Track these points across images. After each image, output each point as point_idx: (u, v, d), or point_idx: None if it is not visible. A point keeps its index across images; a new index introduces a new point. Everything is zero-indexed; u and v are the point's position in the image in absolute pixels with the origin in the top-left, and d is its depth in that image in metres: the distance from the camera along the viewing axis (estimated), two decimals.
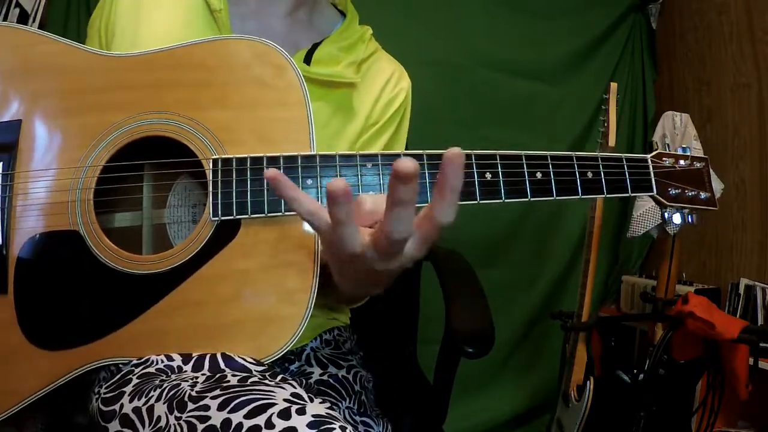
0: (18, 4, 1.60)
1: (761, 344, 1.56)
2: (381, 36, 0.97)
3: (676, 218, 0.82)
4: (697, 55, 2.36)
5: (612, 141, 1.65)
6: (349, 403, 0.83)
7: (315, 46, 0.88)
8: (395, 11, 2.12)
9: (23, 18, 1.63)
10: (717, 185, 0.84)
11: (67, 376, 0.68)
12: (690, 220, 0.83)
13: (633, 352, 2.25)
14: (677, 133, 1.71)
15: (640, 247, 2.50)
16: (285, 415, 0.54)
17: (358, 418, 0.82)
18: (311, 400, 0.58)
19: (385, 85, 0.94)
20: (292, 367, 0.87)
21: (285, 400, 0.56)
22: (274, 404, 0.55)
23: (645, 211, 1.82)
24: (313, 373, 0.85)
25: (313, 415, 0.54)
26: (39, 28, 1.67)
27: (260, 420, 0.53)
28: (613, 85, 1.69)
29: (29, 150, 0.71)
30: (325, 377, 0.84)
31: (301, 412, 0.54)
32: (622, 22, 2.50)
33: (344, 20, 0.95)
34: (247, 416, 0.54)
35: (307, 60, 0.86)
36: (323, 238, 0.59)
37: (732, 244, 2.14)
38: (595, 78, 2.43)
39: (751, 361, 1.60)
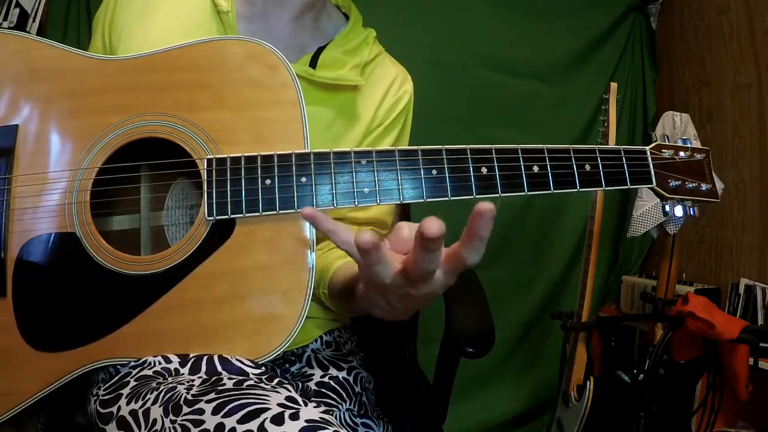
0: (18, 4, 1.60)
1: (761, 344, 1.56)
2: (381, 36, 0.98)
3: (678, 211, 0.81)
4: (697, 55, 2.36)
5: (612, 141, 1.65)
6: (350, 404, 0.83)
7: (320, 49, 0.89)
8: (395, 11, 2.12)
9: (23, 18, 1.63)
10: (717, 185, 0.84)
11: (65, 378, 0.68)
12: (692, 212, 0.82)
13: (633, 352, 2.24)
14: (677, 133, 1.70)
15: (640, 247, 2.50)
16: (278, 420, 0.54)
17: (358, 420, 0.82)
18: (305, 405, 0.58)
19: (388, 88, 0.95)
20: (292, 369, 0.87)
21: (279, 404, 0.56)
22: (267, 409, 0.55)
23: (645, 211, 1.82)
24: (313, 375, 0.84)
25: (306, 420, 0.54)
26: (39, 28, 1.68)
27: (253, 425, 0.53)
28: (613, 85, 1.69)
29: (26, 154, 0.71)
30: (325, 379, 0.84)
31: (295, 417, 0.54)
32: (622, 22, 2.49)
33: (348, 23, 0.95)
34: (240, 421, 0.54)
35: (313, 64, 0.86)
36: (358, 266, 0.62)
37: (732, 244, 2.13)
38: (595, 78, 2.42)
39: (751, 361, 1.60)
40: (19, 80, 0.73)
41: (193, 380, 0.63)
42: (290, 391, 0.61)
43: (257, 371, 0.67)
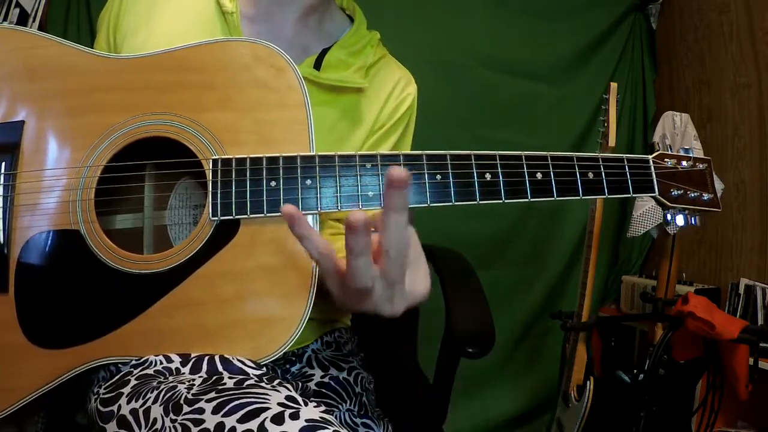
0: (18, 4, 1.60)
1: (761, 344, 1.56)
2: (381, 36, 0.97)
3: (679, 220, 0.81)
4: (697, 55, 2.36)
5: (612, 141, 1.66)
6: (350, 405, 0.83)
7: (324, 51, 0.89)
8: (395, 11, 2.12)
9: (23, 18, 1.63)
10: (717, 185, 0.84)
11: (66, 375, 0.68)
12: (693, 221, 0.82)
13: (633, 352, 2.25)
14: (677, 133, 1.71)
15: (640, 247, 2.50)
16: (278, 419, 0.54)
17: (359, 420, 0.82)
18: (305, 404, 0.58)
19: (392, 91, 0.95)
20: (293, 369, 0.87)
21: (279, 404, 0.56)
22: (267, 408, 0.55)
23: (645, 211, 1.82)
24: (314, 375, 0.85)
25: (306, 420, 0.54)
26: (39, 28, 1.68)
27: (253, 425, 0.53)
28: (613, 85, 1.69)
29: (31, 150, 0.71)
30: (326, 379, 0.84)
31: (295, 416, 0.54)
32: (622, 22, 2.50)
33: (352, 25, 0.95)
34: (240, 420, 0.54)
35: (318, 65, 0.86)
36: (330, 278, 0.61)
37: (732, 244, 2.14)
38: (595, 78, 2.43)
39: (751, 361, 1.60)
40: (24, 77, 0.73)
41: (193, 380, 0.63)
42: (290, 391, 0.61)
43: (258, 372, 0.67)
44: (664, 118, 1.76)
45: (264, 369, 0.69)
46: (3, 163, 0.70)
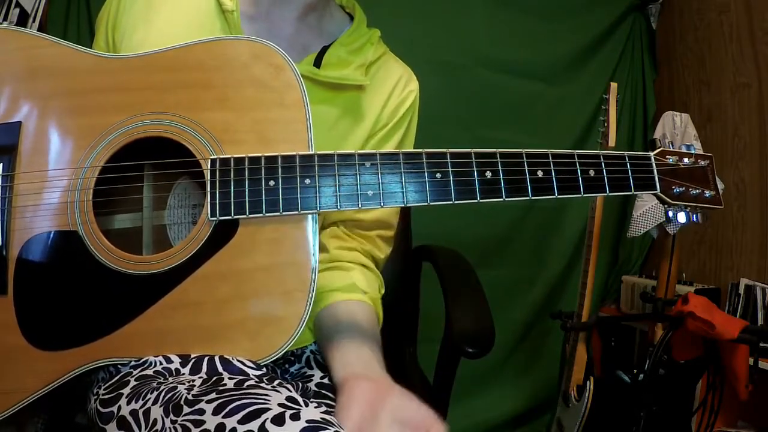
0: (18, 4, 1.60)
1: (761, 344, 1.56)
2: (381, 36, 0.97)
3: (681, 217, 0.81)
4: (697, 55, 2.36)
5: (612, 141, 1.66)
6: None
7: (324, 49, 0.88)
8: (395, 11, 2.12)
9: (23, 18, 1.63)
10: (717, 185, 0.84)
11: (66, 377, 0.68)
12: (695, 219, 0.81)
13: (633, 352, 2.25)
14: (677, 133, 1.71)
15: (640, 247, 2.50)
16: (279, 420, 0.54)
17: None
18: (306, 405, 0.57)
19: (393, 89, 0.94)
20: (292, 369, 0.87)
21: (280, 405, 0.56)
22: (268, 409, 0.55)
23: (645, 211, 1.82)
24: (313, 375, 0.84)
25: (307, 421, 0.54)
26: (39, 28, 1.68)
27: (254, 425, 0.53)
28: (613, 85, 1.69)
29: (29, 151, 0.71)
30: (325, 380, 0.84)
31: (296, 417, 0.54)
32: (622, 22, 2.50)
33: (352, 23, 0.95)
34: (241, 421, 0.54)
35: (317, 63, 0.86)
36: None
37: (732, 244, 2.13)
38: (595, 78, 2.42)
39: (751, 361, 1.60)
40: (21, 78, 0.73)
41: (193, 380, 0.63)
42: (291, 391, 0.61)
43: (258, 372, 0.67)
44: (664, 118, 1.77)
45: (264, 369, 0.68)
46: (0, 165, 0.70)
